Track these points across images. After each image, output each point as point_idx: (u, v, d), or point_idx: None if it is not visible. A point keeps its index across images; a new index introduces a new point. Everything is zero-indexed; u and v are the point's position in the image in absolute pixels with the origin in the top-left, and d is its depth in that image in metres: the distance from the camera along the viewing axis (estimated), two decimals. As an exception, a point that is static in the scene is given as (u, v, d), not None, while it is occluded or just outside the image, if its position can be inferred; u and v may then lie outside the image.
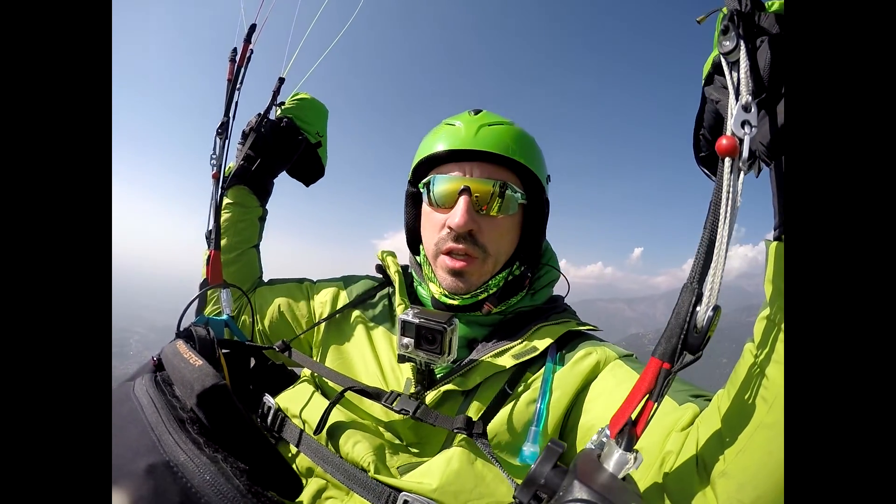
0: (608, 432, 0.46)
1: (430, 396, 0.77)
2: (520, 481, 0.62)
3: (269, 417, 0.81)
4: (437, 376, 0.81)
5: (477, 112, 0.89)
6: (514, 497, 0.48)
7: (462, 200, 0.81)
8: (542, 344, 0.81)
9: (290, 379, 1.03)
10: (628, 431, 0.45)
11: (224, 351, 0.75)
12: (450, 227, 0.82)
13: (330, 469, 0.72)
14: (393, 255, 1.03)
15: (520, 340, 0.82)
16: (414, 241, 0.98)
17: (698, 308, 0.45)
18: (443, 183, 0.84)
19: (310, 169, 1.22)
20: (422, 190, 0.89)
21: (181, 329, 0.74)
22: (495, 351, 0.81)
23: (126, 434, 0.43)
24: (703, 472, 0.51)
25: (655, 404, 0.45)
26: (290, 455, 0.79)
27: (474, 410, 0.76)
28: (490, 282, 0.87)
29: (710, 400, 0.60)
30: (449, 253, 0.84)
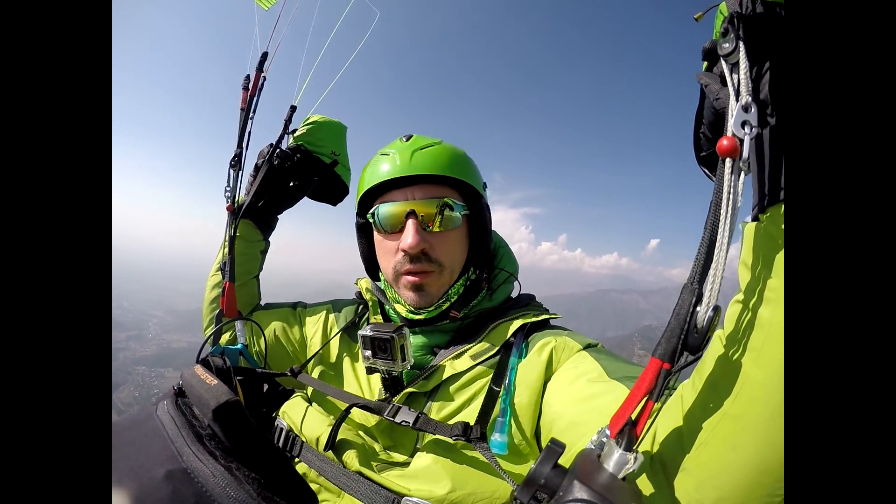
0: (608, 432, 0.47)
1: (396, 399, 0.82)
2: (493, 472, 0.66)
3: (282, 438, 0.87)
4: (405, 383, 0.87)
5: (408, 138, 0.93)
6: (514, 497, 0.49)
7: (410, 223, 0.86)
8: (498, 340, 0.86)
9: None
10: (628, 432, 0.45)
11: (239, 378, 0.81)
12: (403, 251, 0.87)
13: (329, 475, 0.77)
14: (368, 283, 1.08)
15: (478, 340, 0.87)
16: (372, 269, 1.04)
17: (698, 308, 0.45)
18: (388, 210, 0.89)
19: (333, 189, 1.24)
20: (370, 220, 0.93)
21: (200, 358, 0.80)
22: (454, 354, 0.86)
23: (149, 447, 0.47)
24: (659, 468, 0.49)
25: (656, 405, 0.46)
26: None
27: (437, 407, 0.81)
28: (450, 291, 0.92)
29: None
30: (408, 273, 0.89)
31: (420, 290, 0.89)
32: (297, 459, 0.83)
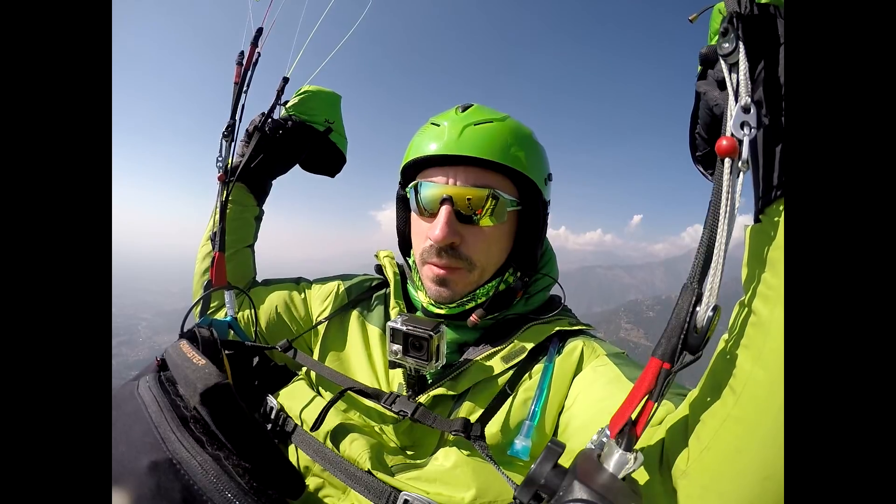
0: (608, 432, 0.46)
1: (421, 400, 0.76)
2: (514, 478, 0.63)
3: (272, 417, 0.81)
4: (429, 381, 0.81)
5: (465, 108, 0.83)
6: (513, 497, 0.48)
7: (443, 211, 0.77)
8: (530, 344, 0.80)
9: (292, 379, 1.05)
10: (628, 432, 0.45)
11: (227, 352, 0.76)
12: (430, 240, 0.79)
13: (330, 467, 0.72)
14: (391, 255, 1.01)
15: (509, 343, 0.81)
16: (405, 244, 0.96)
17: (698, 308, 0.45)
18: (426, 190, 0.80)
19: (329, 160, 1.20)
20: (408, 195, 0.85)
21: (185, 330, 0.75)
22: (484, 354, 0.80)
23: (130, 433, 0.44)
24: (666, 473, 0.49)
25: (655, 405, 0.45)
26: (287, 453, 0.80)
27: (465, 412, 0.76)
28: (478, 291, 0.84)
29: None
30: (433, 265, 0.82)
31: (443, 285, 0.81)
32: (298, 451, 0.77)
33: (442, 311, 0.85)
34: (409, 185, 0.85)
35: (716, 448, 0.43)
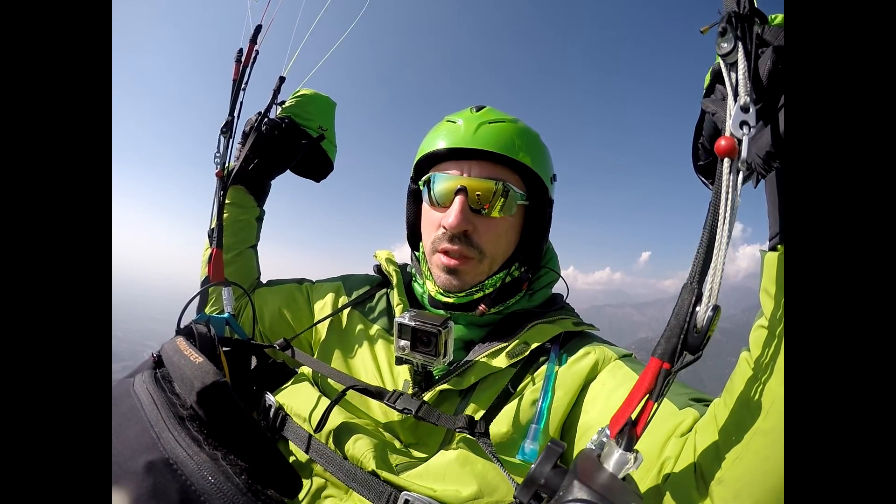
0: (608, 432, 0.46)
1: (427, 397, 0.76)
2: (519, 480, 0.63)
3: (270, 415, 0.80)
4: (435, 377, 0.81)
5: (479, 108, 0.87)
6: (514, 497, 0.47)
7: (457, 200, 0.81)
8: (535, 342, 0.81)
9: (291, 377, 1.05)
10: (628, 431, 0.45)
11: (225, 349, 0.75)
12: (444, 228, 0.82)
13: (330, 468, 0.72)
14: (391, 255, 1.03)
15: (514, 340, 0.82)
16: (414, 238, 1.00)
17: (698, 308, 0.45)
18: (441, 182, 0.84)
19: (317, 165, 1.21)
20: (422, 188, 0.88)
21: (181, 326, 0.74)
22: (490, 350, 0.81)
23: (125, 431, 0.43)
24: (701, 480, 0.51)
25: (655, 404, 0.45)
26: (289, 453, 0.80)
27: (471, 409, 0.76)
28: (486, 282, 0.87)
29: (710, 403, 0.59)
30: (445, 252, 0.84)
31: (453, 274, 0.84)
32: (297, 449, 0.77)
33: (450, 300, 0.87)
34: (423, 179, 0.88)
35: (747, 457, 0.47)
